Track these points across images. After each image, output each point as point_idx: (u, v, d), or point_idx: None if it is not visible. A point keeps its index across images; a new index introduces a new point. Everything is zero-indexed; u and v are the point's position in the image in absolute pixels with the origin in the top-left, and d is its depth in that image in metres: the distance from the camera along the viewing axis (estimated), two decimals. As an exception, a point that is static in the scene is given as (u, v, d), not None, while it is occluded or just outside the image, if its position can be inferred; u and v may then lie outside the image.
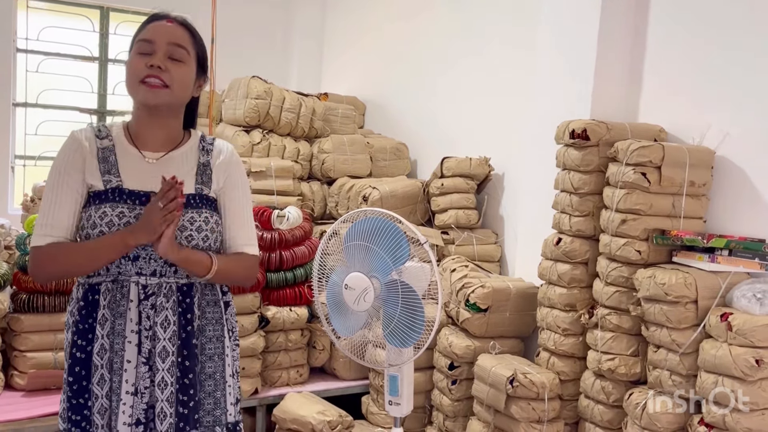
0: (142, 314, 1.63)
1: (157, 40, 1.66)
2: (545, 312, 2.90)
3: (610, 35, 3.00)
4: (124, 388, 1.62)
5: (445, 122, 4.34)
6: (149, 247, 1.62)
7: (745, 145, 2.62)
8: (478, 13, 4.10)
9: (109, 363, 1.64)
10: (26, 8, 5.52)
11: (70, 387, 1.66)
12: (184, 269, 1.66)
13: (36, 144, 5.65)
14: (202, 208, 1.69)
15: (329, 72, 5.89)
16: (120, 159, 1.67)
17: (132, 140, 1.71)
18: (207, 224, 1.68)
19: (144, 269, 1.64)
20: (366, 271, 2.34)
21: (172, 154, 1.72)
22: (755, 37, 2.60)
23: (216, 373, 1.73)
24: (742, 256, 2.44)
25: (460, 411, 3.10)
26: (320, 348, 3.48)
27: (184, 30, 1.72)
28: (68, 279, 2.87)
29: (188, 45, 1.70)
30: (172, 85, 1.65)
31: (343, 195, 4.04)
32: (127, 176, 1.66)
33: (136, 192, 1.64)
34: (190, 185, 1.70)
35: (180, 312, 1.66)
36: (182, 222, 1.65)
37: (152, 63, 1.63)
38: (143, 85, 1.64)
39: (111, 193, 1.63)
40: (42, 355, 3.03)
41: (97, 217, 1.61)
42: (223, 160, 1.76)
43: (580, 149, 2.76)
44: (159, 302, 1.64)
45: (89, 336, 1.65)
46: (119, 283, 1.64)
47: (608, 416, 2.67)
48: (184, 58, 1.68)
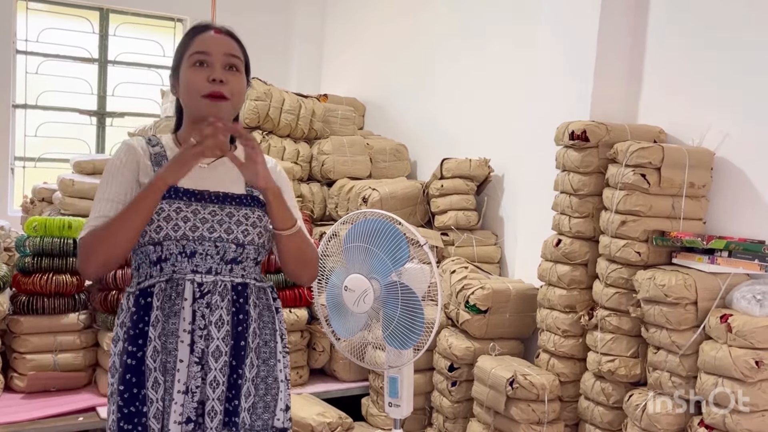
0: (197, 313, 1.63)
1: (214, 51, 1.66)
2: (545, 313, 2.90)
3: (609, 36, 3.00)
4: (176, 387, 1.61)
5: (445, 123, 4.34)
6: (206, 242, 1.63)
7: (744, 147, 2.62)
8: (478, 13, 4.10)
9: (162, 365, 1.62)
10: (26, 10, 5.52)
11: (121, 396, 1.62)
12: (274, 207, 1.67)
13: (36, 145, 5.66)
14: (254, 207, 1.71)
15: (329, 73, 5.89)
16: None
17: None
18: (260, 221, 1.71)
19: (200, 266, 1.64)
20: (366, 273, 2.34)
21: (222, 160, 1.72)
22: (755, 38, 2.60)
23: (268, 377, 1.72)
24: (742, 257, 2.44)
25: (460, 412, 3.10)
26: (320, 349, 3.48)
27: (233, 40, 1.73)
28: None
29: (240, 54, 1.72)
30: (232, 96, 1.66)
31: (343, 196, 4.04)
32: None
33: (191, 190, 1.66)
34: (242, 187, 1.73)
35: (234, 312, 1.66)
36: (238, 217, 1.68)
37: (214, 77, 1.64)
38: (206, 99, 1.64)
39: (167, 191, 1.62)
40: (42, 357, 3.03)
41: (153, 213, 1.61)
42: (269, 168, 1.75)
43: (579, 150, 2.76)
44: (214, 300, 1.64)
45: (139, 341, 1.63)
46: (174, 281, 1.63)
47: (608, 418, 2.67)
48: (240, 67, 1.70)
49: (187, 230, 1.62)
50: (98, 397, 3.00)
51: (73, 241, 3.10)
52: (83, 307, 3.17)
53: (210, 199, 1.67)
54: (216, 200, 1.68)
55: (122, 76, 5.89)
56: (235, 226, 1.67)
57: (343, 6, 5.73)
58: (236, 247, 1.66)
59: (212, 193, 1.68)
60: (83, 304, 3.17)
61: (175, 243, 1.62)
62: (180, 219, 1.62)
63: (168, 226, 1.61)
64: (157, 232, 1.61)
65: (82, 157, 4.73)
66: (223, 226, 1.65)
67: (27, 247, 3.07)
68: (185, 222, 1.62)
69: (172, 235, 1.61)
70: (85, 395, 3.04)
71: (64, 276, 3.07)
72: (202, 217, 1.64)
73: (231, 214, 1.67)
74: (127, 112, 5.91)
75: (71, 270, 3.10)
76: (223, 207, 1.67)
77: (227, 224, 1.66)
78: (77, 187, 4.27)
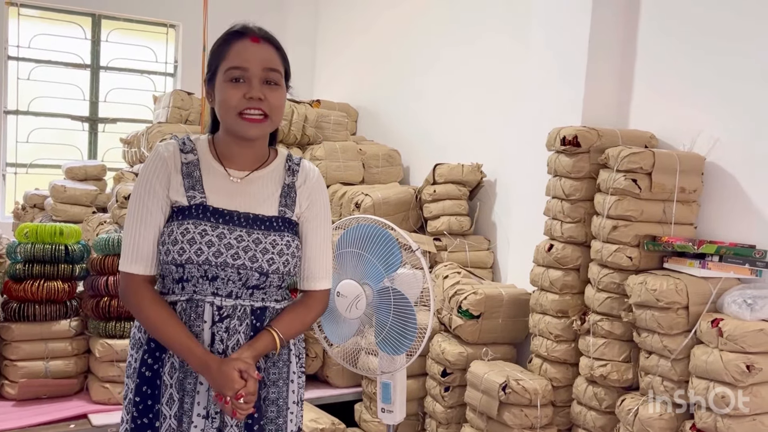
0: (216, 336, 1.60)
1: (251, 67, 1.58)
2: (537, 318, 2.91)
3: (600, 42, 3.01)
4: (196, 411, 1.59)
5: (438, 129, 4.35)
6: (229, 268, 1.58)
7: (735, 151, 2.64)
8: (470, 19, 4.12)
9: (179, 383, 1.60)
10: (17, 16, 5.51)
11: (136, 407, 1.61)
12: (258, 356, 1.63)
13: (27, 152, 5.64)
14: (284, 232, 1.65)
15: (321, 79, 5.90)
16: (205, 175, 1.64)
17: (218, 157, 1.67)
18: (288, 248, 1.64)
19: (221, 290, 1.60)
20: (358, 279, 2.34)
21: (257, 173, 1.67)
22: (745, 43, 2.62)
23: (279, 399, 1.68)
24: (733, 261, 2.45)
25: (453, 418, 3.09)
26: (313, 355, 3.47)
27: (273, 49, 1.65)
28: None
29: (280, 66, 1.64)
30: (271, 114, 1.60)
31: (336, 202, 4.04)
32: (212, 193, 1.62)
33: (220, 210, 1.61)
34: (274, 207, 1.66)
35: (251, 336, 1.63)
36: (265, 244, 1.61)
37: (251, 95, 1.57)
38: (242, 119, 1.59)
39: (195, 209, 1.59)
40: (33, 365, 3.02)
41: (179, 233, 1.57)
42: (308, 184, 1.72)
43: (571, 156, 2.77)
44: (233, 325, 1.61)
45: (157, 354, 1.62)
46: (194, 302, 1.60)
47: (601, 422, 2.67)
48: (279, 80, 1.63)
49: (210, 255, 1.57)
50: (90, 405, 2.99)
51: (65, 248, 3.09)
52: (75, 313, 3.15)
53: (239, 221, 1.61)
54: (245, 223, 1.62)
55: (114, 82, 5.89)
56: (261, 255, 1.60)
57: (336, 12, 5.74)
58: (259, 275, 1.61)
59: (242, 214, 1.62)
60: (75, 310, 3.16)
61: (197, 267, 1.58)
62: (204, 243, 1.57)
63: (191, 250, 1.57)
64: (180, 254, 1.57)
65: (74, 164, 4.73)
66: (248, 254, 1.59)
67: (18, 253, 3.06)
68: (209, 247, 1.57)
69: (195, 260, 1.57)
70: (77, 402, 3.02)
71: (55, 283, 3.06)
72: (227, 243, 1.58)
73: (258, 241, 1.61)
74: (119, 118, 5.90)
75: (63, 277, 3.09)
76: (251, 232, 1.61)
77: (253, 252, 1.60)
78: (69, 193, 4.27)
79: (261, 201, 1.65)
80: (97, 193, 4.50)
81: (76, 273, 3.16)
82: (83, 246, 3.20)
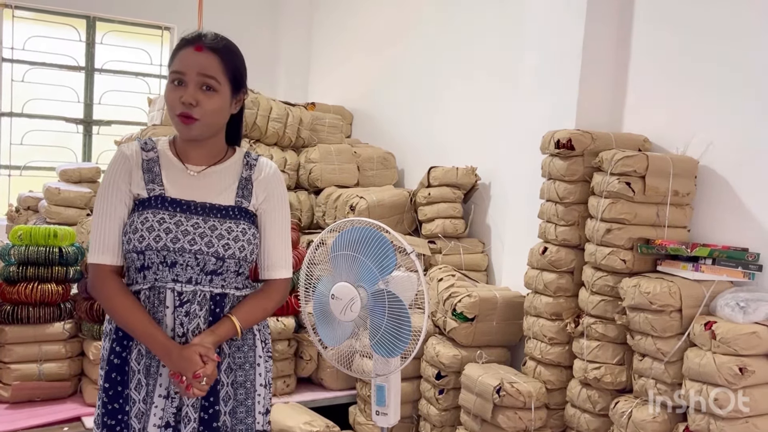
0: (176, 321, 1.68)
1: (188, 71, 1.68)
2: (531, 321, 2.91)
3: (594, 46, 3.03)
4: (157, 392, 1.68)
5: (432, 132, 4.36)
6: (187, 254, 1.67)
7: (728, 155, 2.65)
8: (465, 23, 4.13)
9: (146, 368, 1.69)
10: (12, 18, 5.50)
11: (106, 393, 1.70)
12: (218, 342, 1.70)
13: (22, 153, 5.63)
14: (240, 220, 1.74)
15: (316, 82, 5.90)
16: (164, 170, 1.73)
17: (176, 154, 1.77)
18: (244, 235, 1.73)
19: (180, 276, 1.68)
20: (353, 281, 2.34)
21: (214, 168, 1.77)
22: (738, 48, 2.63)
23: (246, 381, 1.77)
24: (726, 264, 2.47)
25: (448, 420, 3.09)
26: (307, 358, 3.47)
27: (214, 56, 1.71)
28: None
29: (218, 73, 1.71)
30: (203, 118, 1.68)
31: (330, 204, 4.04)
32: (170, 185, 1.72)
33: (178, 200, 1.70)
34: (231, 198, 1.75)
35: (210, 321, 1.71)
36: (220, 230, 1.70)
37: (184, 99, 1.67)
38: (177, 119, 1.69)
39: (154, 200, 1.68)
40: (26, 367, 3.01)
41: (139, 222, 1.66)
42: (264, 177, 1.81)
43: (565, 159, 2.78)
44: (192, 310, 1.68)
45: (125, 342, 1.70)
46: (156, 289, 1.68)
47: (594, 425, 2.68)
48: (215, 86, 1.69)
49: (168, 242, 1.65)
50: (83, 407, 2.99)
51: (59, 250, 3.08)
52: (68, 316, 3.15)
53: (195, 210, 1.70)
54: (201, 212, 1.70)
55: (109, 84, 5.88)
56: (217, 240, 1.69)
57: (331, 15, 5.74)
58: (216, 260, 1.69)
59: (198, 203, 1.71)
60: (68, 313, 3.15)
61: (156, 253, 1.66)
62: (162, 230, 1.66)
63: (150, 237, 1.65)
64: (140, 241, 1.65)
65: (68, 166, 4.71)
66: (204, 240, 1.68)
67: (12, 256, 3.05)
68: (167, 233, 1.66)
69: (153, 246, 1.65)
70: (71, 405, 3.02)
71: (49, 285, 3.05)
72: (184, 229, 1.67)
73: (214, 228, 1.69)
74: (114, 120, 5.89)
75: (56, 279, 3.08)
76: (207, 219, 1.70)
77: (209, 237, 1.68)
78: (63, 195, 4.25)
79: (218, 192, 1.74)
80: (92, 196, 4.48)
81: (70, 275, 3.15)
82: (77, 248, 3.19)
